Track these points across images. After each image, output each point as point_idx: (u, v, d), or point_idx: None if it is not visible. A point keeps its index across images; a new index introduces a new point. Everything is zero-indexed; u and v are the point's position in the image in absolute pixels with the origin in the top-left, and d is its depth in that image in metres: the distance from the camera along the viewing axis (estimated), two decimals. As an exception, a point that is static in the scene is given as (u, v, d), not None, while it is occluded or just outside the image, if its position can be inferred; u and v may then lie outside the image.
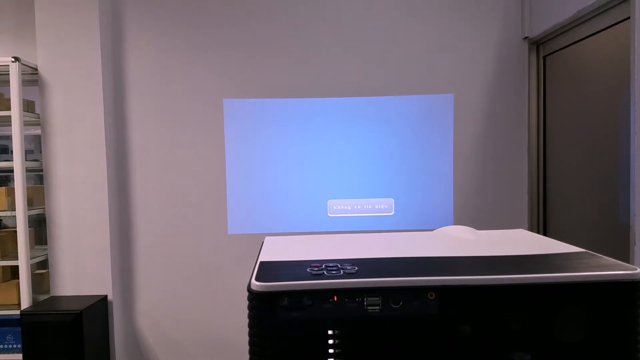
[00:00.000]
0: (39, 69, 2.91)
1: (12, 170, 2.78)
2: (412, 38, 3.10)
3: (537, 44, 3.07)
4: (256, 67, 3.09)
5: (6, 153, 3.31)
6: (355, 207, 3.11)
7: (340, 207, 3.11)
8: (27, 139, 3.06)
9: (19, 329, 2.68)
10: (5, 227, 3.18)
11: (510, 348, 0.89)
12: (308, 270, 0.95)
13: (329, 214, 3.11)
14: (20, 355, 2.72)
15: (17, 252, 2.78)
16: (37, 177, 3.12)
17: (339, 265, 0.97)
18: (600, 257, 1.02)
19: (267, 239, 1.34)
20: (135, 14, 3.08)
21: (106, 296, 2.96)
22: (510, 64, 3.10)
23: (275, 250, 1.20)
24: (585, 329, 0.88)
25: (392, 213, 3.10)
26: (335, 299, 0.88)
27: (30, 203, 2.87)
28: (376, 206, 3.10)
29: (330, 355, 0.88)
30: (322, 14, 3.10)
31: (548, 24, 2.79)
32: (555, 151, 2.97)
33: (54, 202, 2.94)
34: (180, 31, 3.09)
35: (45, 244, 2.99)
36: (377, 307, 0.88)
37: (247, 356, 0.90)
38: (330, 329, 0.88)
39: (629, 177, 2.05)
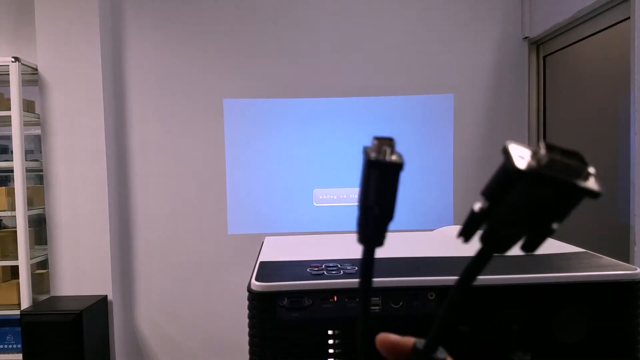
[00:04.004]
0: (39, 69, 2.91)
1: (12, 170, 2.78)
2: (412, 38, 3.09)
3: (537, 44, 3.07)
4: (256, 67, 3.09)
5: (6, 153, 3.31)
6: (341, 196, 3.10)
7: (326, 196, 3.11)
8: (27, 139, 3.05)
9: (19, 329, 2.67)
10: (5, 227, 3.18)
11: (510, 348, 0.89)
12: (308, 270, 0.95)
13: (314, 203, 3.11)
14: (20, 355, 2.72)
15: (17, 252, 2.78)
16: (37, 177, 3.11)
17: (339, 265, 0.97)
18: (600, 257, 1.02)
19: (267, 239, 1.34)
20: (135, 14, 3.08)
21: (106, 296, 2.96)
22: (510, 64, 3.09)
23: (275, 250, 1.19)
24: (585, 329, 0.88)
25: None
26: (335, 299, 0.88)
27: (30, 203, 2.86)
28: None
29: (330, 355, 0.88)
30: (322, 14, 3.10)
31: (548, 24, 2.79)
32: (555, 151, 2.97)
33: (54, 202, 2.94)
34: (180, 31, 3.09)
35: (45, 244, 2.99)
36: (377, 307, 0.88)
37: (247, 356, 0.90)
38: (330, 329, 0.88)
39: (629, 177, 2.05)
